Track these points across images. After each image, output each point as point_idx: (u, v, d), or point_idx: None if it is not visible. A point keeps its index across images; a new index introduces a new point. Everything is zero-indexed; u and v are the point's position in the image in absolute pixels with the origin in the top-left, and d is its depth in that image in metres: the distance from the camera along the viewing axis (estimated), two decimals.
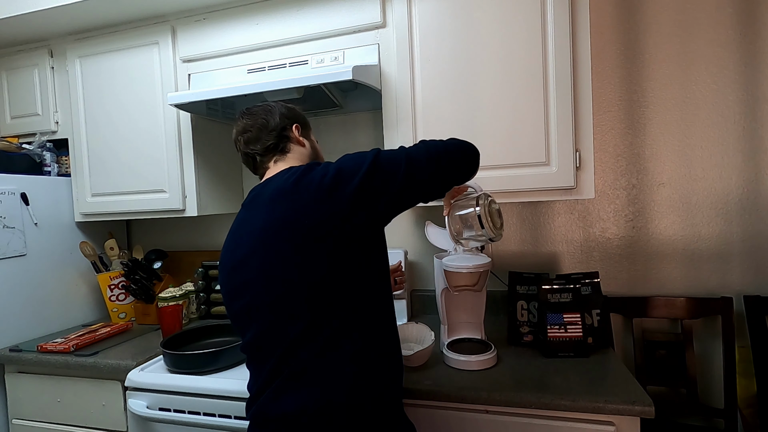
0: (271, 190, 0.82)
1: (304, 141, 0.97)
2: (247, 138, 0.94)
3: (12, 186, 1.46)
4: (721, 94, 1.40)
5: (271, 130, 0.94)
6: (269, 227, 0.77)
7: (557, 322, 1.16)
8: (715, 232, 1.42)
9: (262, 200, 0.82)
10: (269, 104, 0.98)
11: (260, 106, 0.98)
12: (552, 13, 1.15)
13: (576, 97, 1.16)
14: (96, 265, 1.66)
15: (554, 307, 1.18)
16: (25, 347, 1.39)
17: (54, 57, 1.66)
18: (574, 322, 1.15)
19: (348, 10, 1.32)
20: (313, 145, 1.01)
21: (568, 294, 1.17)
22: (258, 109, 0.97)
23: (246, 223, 0.83)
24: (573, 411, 0.93)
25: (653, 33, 1.43)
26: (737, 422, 1.32)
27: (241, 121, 0.96)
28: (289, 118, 0.97)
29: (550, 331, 1.15)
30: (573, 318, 1.16)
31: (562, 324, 1.16)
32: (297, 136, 0.96)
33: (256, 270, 0.77)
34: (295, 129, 0.96)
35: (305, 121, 1.01)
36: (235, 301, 0.82)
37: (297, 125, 0.97)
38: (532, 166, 1.19)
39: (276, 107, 0.97)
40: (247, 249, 0.80)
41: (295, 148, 0.96)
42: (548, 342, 1.15)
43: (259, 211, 0.81)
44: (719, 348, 1.38)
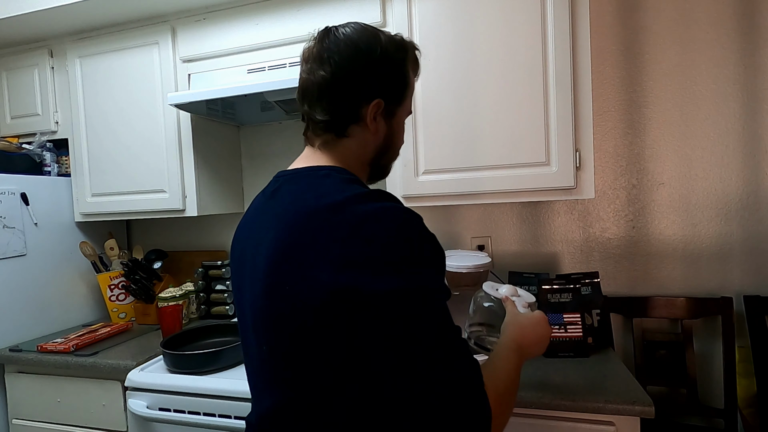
0: (291, 204, 0.59)
1: (378, 126, 0.66)
2: (304, 85, 0.65)
3: (12, 186, 1.46)
4: (721, 94, 1.40)
5: (338, 91, 0.63)
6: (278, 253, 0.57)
7: (557, 322, 1.16)
8: (715, 232, 1.42)
9: (277, 209, 0.61)
10: (365, 40, 0.63)
11: (351, 37, 0.63)
12: (552, 13, 1.15)
13: (576, 97, 1.16)
14: (96, 265, 1.66)
15: (554, 307, 1.18)
16: (25, 347, 1.39)
17: (54, 57, 1.66)
18: (574, 322, 1.15)
19: (348, 10, 1.32)
20: (390, 132, 0.68)
21: (568, 294, 1.17)
22: (343, 45, 0.62)
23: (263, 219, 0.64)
24: (573, 411, 0.93)
25: (653, 33, 1.43)
26: (737, 422, 1.32)
27: (317, 46, 0.64)
28: (375, 87, 0.64)
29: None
30: (573, 318, 1.16)
31: (562, 324, 1.16)
32: (370, 118, 0.64)
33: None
34: (374, 107, 0.64)
35: (402, 89, 0.67)
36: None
37: (379, 101, 0.64)
38: (532, 166, 1.19)
39: (371, 54, 0.63)
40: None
41: (358, 133, 0.66)
42: (549, 343, 1.15)
43: (272, 222, 0.61)
44: (719, 348, 1.38)
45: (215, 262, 1.72)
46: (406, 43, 0.68)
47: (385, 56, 0.64)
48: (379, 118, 0.66)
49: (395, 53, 0.66)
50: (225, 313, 1.68)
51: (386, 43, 0.65)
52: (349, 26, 0.65)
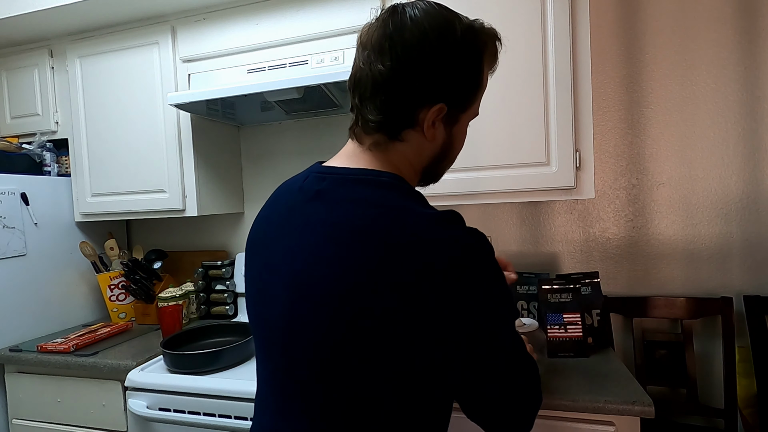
0: (350, 217, 0.51)
1: (436, 133, 0.58)
2: (358, 75, 0.57)
3: (12, 186, 1.46)
4: (721, 94, 1.40)
5: (397, 90, 0.54)
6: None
7: (557, 322, 1.16)
8: (715, 232, 1.42)
9: (330, 218, 0.53)
10: (437, 28, 0.53)
11: (421, 24, 0.53)
12: (552, 13, 1.15)
13: (576, 97, 1.16)
14: (96, 265, 1.66)
15: (554, 307, 1.18)
16: (25, 347, 1.38)
17: (54, 57, 1.66)
18: (574, 322, 1.15)
19: (348, 10, 1.32)
20: (449, 140, 0.60)
21: (568, 294, 1.17)
22: (409, 34, 0.52)
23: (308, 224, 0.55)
24: (573, 411, 0.92)
25: (653, 33, 1.43)
26: (737, 422, 1.32)
27: (378, 31, 0.55)
28: (440, 89, 0.54)
29: (550, 331, 1.15)
30: (573, 318, 1.16)
31: (562, 324, 1.16)
32: (428, 124, 0.56)
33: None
34: (435, 112, 0.55)
35: (472, 92, 0.58)
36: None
37: (442, 106, 0.55)
38: (532, 166, 1.19)
39: (443, 47, 0.53)
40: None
41: (413, 138, 0.58)
42: (548, 342, 1.15)
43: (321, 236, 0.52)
44: (719, 348, 1.38)
45: (215, 262, 1.72)
46: (486, 32, 0.56)
47: (459, 52, 0.54)
48: (438, 123, 0.57)
49: (471, 48, 0.54)
50: (225, 313, 1.68)
51: (463, 34, 0.53)
52: (420, 6, 0.54)
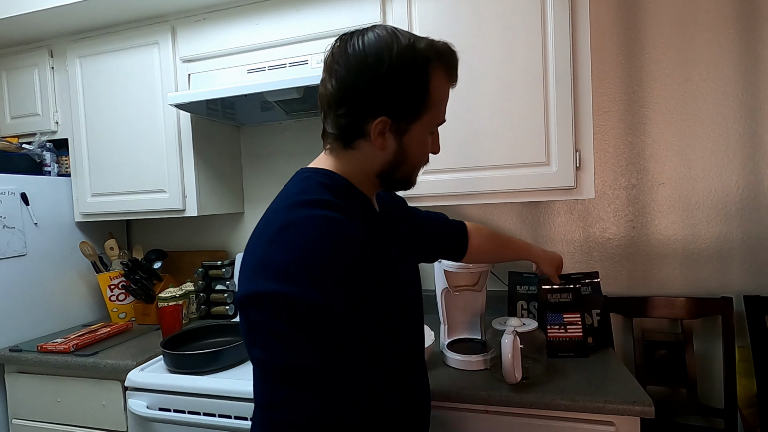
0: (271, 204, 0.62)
1: (385, 143, 0.62)
2: (319, 93, 0.64)
3: (12, 186, 1.46)
4: (721, 94, 1.40)
5: (342, 106, 0.61)
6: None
7: (557, 322, 1.16)
8: (715, 232, 1.42)
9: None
10: (375, 51, 0.58)
11: (361, 48, 0.59)
12: (552, 13, 1.15)
13: (576, 97, 1.16)
14: (96, 265, 1.66)
15: (554, 307, 1.17)
16: (25, 347, 1.39)
17: (54, 57, 1.66)
18: (574, 322, 1.15)
19: (348, 10, 1.32)
20: (401, 148, 0.64)
21: (568, 294, 1.17)
22: (352, 58, 0.59)
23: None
24: (573, 411, 0.93)
25: (653, 33, 1.43)
26: (737, 422, 1.32)
27: (330, 56, 0.62)
28: (379, 104, 0.60)
29: (550, 331, 1.15)
30: (573, 318, 1.16)
31: (562, 324, 1.16)
32: (375, 135, 0.61)
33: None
34: (379, 124, 0.60)
35: (416, 103, 0.61)
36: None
37: (384, 119, 0.60)
38: (532, 166, 1.19)
39: (378, 68, 0.58)
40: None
41: (364, 147, 0.63)
42: (548, 342, 1.15)
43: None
44: (719, 348, 1.38)
45: (215, 262, 1.72)
46: (432, 50, 0.61)
47: (394, 71, 0.58)
48: (388, 134, 0.62)
49: (409, 66, 0.59)
50: (225, 313, 1.68)
51: (399, 54, 0.58)
52: (368, 34, 0.60)
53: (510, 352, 0.93)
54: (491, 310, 1.34)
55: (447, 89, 0.65)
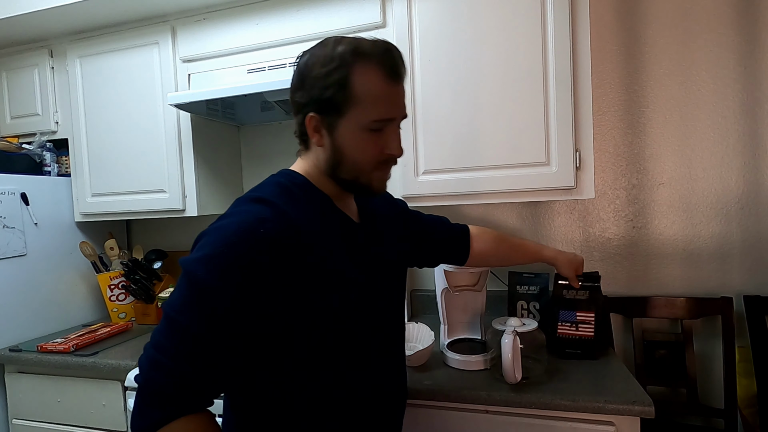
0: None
1: (322, 140, 0.67)
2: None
3: (12, 186, 1.46)
4: (721, 94, 1.40)
5: (292, 108, 0.69)
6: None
7: (569, 320, 1.14)
8: (715, 232, 1.42)
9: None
10: (310, 59, 0.66)
11: (304, 58, 0.67)
12: (552, 13, 1.15)
13: (576, 97, 1.16)
14: (96, 265, 1.66)
15: (568, 304, 1.14)
16: (25, 347, 1.38)
17: (54, 57, 1.66)
18: (587, 321, 1.12)
19: (348, 10, 1.32)
20: (336, 146, 0.66)
21: (585, 292, 1.13)
22: (299, 66, 0.67)
23: None
24: (573, 411, 0.93)
25: (653, 33, 1.43)
26: (737, 422, 1.32)
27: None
28: (306, 102, 0.66)
29: (560, 327, 1.13)
30: (586, 317, 1.13)
31: (573, 322, 1.13)
32: (311, 132, 0.67)
33: None
34: (309, 121, 0.66)
35: (338, 100, 0.64)
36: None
37: (312, 115, 0.66)
38: (532, 166, 1.19)
39: (307, 71, 0.65)
40: None
41: (314, 146, 0.69)
42: (557, 338, 1.13)
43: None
44: (719, 348, 1.38)
45: None
46: (355, 51, 0.63)
47: (318, 70, 0.64)
48: (324, 131, 0.67)
49: (328, 64, 0.64)
50: None
51: (323, 56, 0.64)
52: (316, 45, 0.68)
53: (510, 352, 0.93)
54: (491, 310, 1.35)
55: (380, 86, 0.64)
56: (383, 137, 0.67)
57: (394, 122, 0.68)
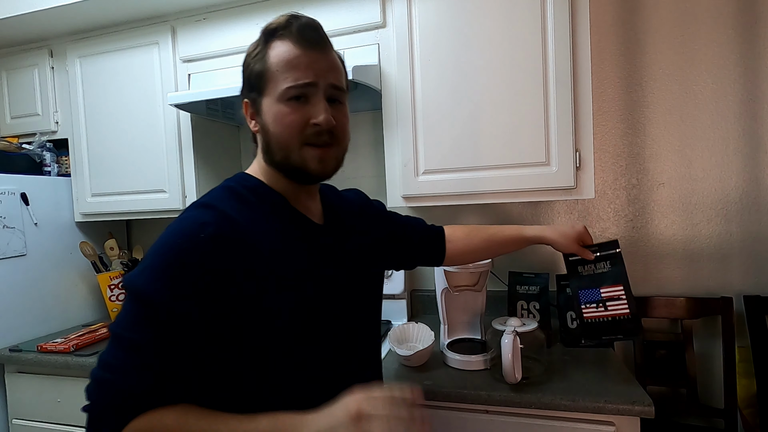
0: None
1: (258, 127, 0.68)
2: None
3: (12, 186, 1.46)
4: (721, 94, 1.40)
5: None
6: None
7: (594, 300, 0.92)
8: (715, 232, 1.42)
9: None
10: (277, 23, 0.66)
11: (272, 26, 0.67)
12: (552, 13, 1.15)
13: (576, 97, 1.16)
14: (96, 265, 1.66)
15: (588, 281, 0.92)
16: (25, 347, 1.38)
17: (54, 57, 1.66)
18: (616, 296, 0.89)
19: (348, 10, 1.32)
20: (263, 126, 0.66)
21: (605, 263, 0.91)
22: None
23: None
24: (573, 411, 0.92)
25: (653, 33, 1.43)
26: (737, 422, 1.32)
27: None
28: (243, 91, 0.70)
29: (585, 311, 0.92)
30: (614, 292, 0.89)
31: (600, 301, 0.91)
32: (248, 121, 0.70)
33: None
34: (245, 109, 0.70)
35: (258, 79, 0.65)
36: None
37: (245, 102, 0.69)
38: (532, 166, 1.19)
39: (249, 48, 0.68)
40: None
41: (257, 138, 0.70)
42: (585, 325, 0.92)
43: None
44: (719, 348, 1.38)
45: None
46: (268, 28, 0.66)
47: (245, 60, 0.68)
48: (256, 117, 0.67)
49: (251, 51, 0.67)
50: None
51: (250, 47, 0.68)
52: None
53: (510, 352, 0.93)
54: (491, 310, 1.35)
55: (289, 53, 0.64)
56: (308, 108, 0.64)
57: (316, 90, 0.64)
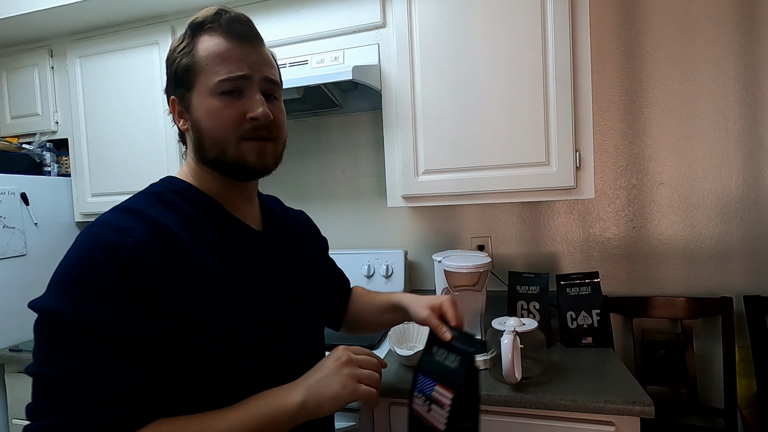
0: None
1: (187, 125, 0.64)
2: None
3: (12, 186, 1.46)
4: (721, 94, 1.40)
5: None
6: None
7: (425, 391, 0.67)
8: (715, 232, 1.42)
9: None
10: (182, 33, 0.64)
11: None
12: (552, 13, 1.15)
13: (576, 97, 1.16)
14: None
15: (433, 367, 0.69)
16: (25, 347, 1.39)
17: (54, 57, 1.66)
18: (442, 403, 0.63)
19: (348, 10, 1.32)
20: (194, 122, 0.62)
21: (456, 357, 0.66)
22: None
23: None
24: (573, 411, 0.92)
25: (653, 33, 1.43)
26: (737, 422, 1.32)
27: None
28: (168, 90, 0.66)
29: (415, 399, 0.67)
30: (443, 396, 0.63)
31: (429, 397, 0.65)
32: (176, 119, 0.66)
33: None
34: (171, 107, 0.66)
35: (186, 75, 0.62)
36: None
37: (172, 99, 0.65)
38: (532, 166, 1.19)
39: (174, 43, 0.65)
40: None
41: (187, 139, 0.67)
42: (411, 416, 0.67)
43: None
44: (719, 348, 1.38)
45: None
46: (194, 22, 0.63)
47: (169, 56, 0.65)
48: (185, 114, 0.64)
49: (177, 45, 0.64)
50: None
51: (174, 42, 0.65)
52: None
53: (510, 352, 0.93)
54: (491, 310, 1.34)
55: (219, 46, 0.61)
56: (243, 102, 0.61)
57: (250, 83, 0.61)
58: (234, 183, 0.66)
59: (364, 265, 1.53)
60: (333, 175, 1.70)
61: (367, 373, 0.60)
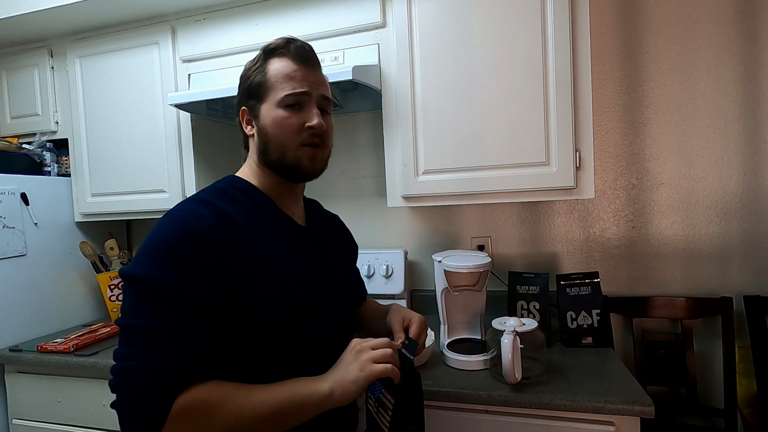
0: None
1: (254, 131, 0.77)
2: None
3: (12, 186, 1.46)
4: (721, 94, 1.40)
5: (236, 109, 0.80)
6: None
7: (375, 393, 0.72)
8: (715, 232, 1.42)
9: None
10: (256, 55, 0.77)
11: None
12: (552, 13, 1.15)
13: (576, 97, 1.16)
14: (96, 265, 1.66)
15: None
16: (25, 347, 1.38)
17: (54, 57, 1.66)
18: (386, 407, 0.70)
19: (348, 10, 1.32)
20: (261, 129, 0.74)
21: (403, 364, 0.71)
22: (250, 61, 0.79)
23: None
24: (573, 411, 0.93)
25: (653, 33, 1.43)
26: (737, 422, 1.32)
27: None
28: (240, 100, 0.79)
29: (369, 399, 0.71)
30: (387, 400, 0.70)
31: (377, 400, 0.72)
32: (245, 126, 0.78)
33: None
34: (241, 115, 0.78)
35: (258, 88, 0.74)
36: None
37: (243, 109, 0.78)
38: (532, 166, 1.19)
39: (249, 64, 0.78)
40: None
41: (250, 144, 0.79)
42: (368, 412, 0.71)
43: None
44: (719, 348, 1.38)
45: None
46: (269, 47, 0.75)
47: (244, 73, 0.77)
48: (253, 121, 0.76)
49: (251, 66, 0.76)
50: None
51: (249, 63, 0.78)
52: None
53: (510, 352, 0.93)
54: (491, 310, 1.34)
55: (287, 68, 0.73)
56: (302, 114, 0.73)
57: (309, 99, 0.73)
58: (287, 184, 0.77)
59: (364, 265, 1.53)
60: (333, 175, 1.70)
61: (380, 353, 0.66)
